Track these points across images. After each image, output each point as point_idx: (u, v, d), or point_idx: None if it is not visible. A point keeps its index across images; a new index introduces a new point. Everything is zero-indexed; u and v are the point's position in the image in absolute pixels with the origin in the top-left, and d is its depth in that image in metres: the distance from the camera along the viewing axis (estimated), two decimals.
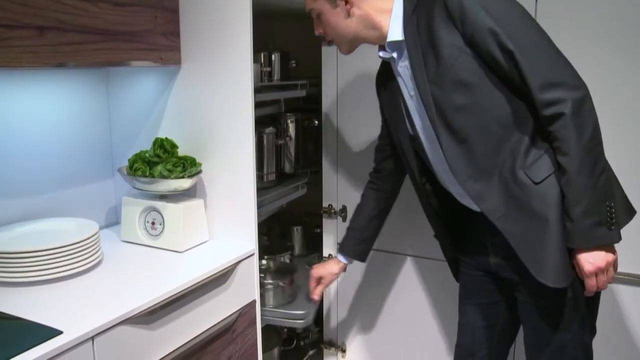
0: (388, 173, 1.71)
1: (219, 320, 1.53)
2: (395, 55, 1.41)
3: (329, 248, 2.26)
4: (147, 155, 1.64)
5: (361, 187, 2.14)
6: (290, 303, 1.98)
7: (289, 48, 2.18)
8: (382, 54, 1.44)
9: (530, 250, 1.29)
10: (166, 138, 1.66)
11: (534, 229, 1.28)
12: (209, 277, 1.46)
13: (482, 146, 1.31)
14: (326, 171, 2.22)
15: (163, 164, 1.61)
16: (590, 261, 1.24)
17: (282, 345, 2.25)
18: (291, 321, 1.93)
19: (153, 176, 1.60)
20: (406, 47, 1.36)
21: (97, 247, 1.47)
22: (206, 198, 1.71)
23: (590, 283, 1.27)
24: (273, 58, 2.08)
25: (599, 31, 1.66)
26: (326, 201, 2.24)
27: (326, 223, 2.26)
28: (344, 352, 2.32)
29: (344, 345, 2.32)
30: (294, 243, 2.49)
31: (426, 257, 2.06)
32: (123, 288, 1.34)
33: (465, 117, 1.31)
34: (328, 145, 2.19)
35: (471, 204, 1.42)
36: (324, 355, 2.38)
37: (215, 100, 1.63)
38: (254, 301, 1.67)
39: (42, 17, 1.23)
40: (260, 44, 1.73)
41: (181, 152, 1.68)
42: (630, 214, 1.35)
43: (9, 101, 1.52)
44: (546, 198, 1.27)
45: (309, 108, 2.34)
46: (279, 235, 2.52)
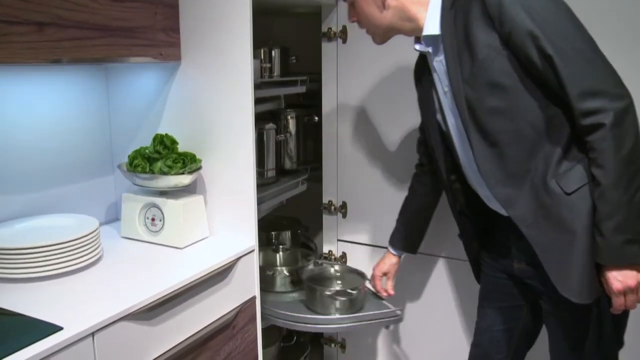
0: (430, 168, 1.68)
1: (219, 316, 1.53)
2: (430, 49, 1.37)
3: (329, 244, 2.27)
4: (147, 151, 1.64)
5: (361, 184, 2.15)
6: (362, 308, 1.88)
7: (289, 44, 2.18)
8: (418, 47, 1.40)
9: (555, 262, 1.26)
10: (166, 134, 1.66)
11: (561, 241, 1.24)
12: (209, 273, 1.46)
13: (514, 151, 1.28)
14: (326, 167, 2.22)
15: (163, 160, 1.60)
16: (619, 279, 1.20)
17: (282, 341, 2.25)
18: (391, 319, 1.87)
19: (153, 172, 1.60)
20: (442, 43, 1.32)
21: (97, 244, 1.47)
22: (206, 194, 1.70)
23: (618, 302, 1.22)
24: (273, 54, 2.07)
25: (599, 31, 1.65)
26: (326, 197, 2.24)
27: (326, 219, 2.26)
28: (344, 348, 2.32)
29: (344, 341, 2.32)
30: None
31: (425, 254, 2.06)
32: (123, 284, 1.34)
33: (498, 120, 1.27)
34: (328, 141, 2.19)
35: (499, 208, 1.39)
36: (324, 351, 2.39)
37: (215, 96, 1.63)
38: (254, 297, 1.67)
39: (42, 13, 1.23)
40: (260, 40, 1.72)
41: (181, 148, 1.68)
42: None
43: (9, 97, 1.52)
44: (576, 210, 1.22)
45: (309, 104, 2.34)
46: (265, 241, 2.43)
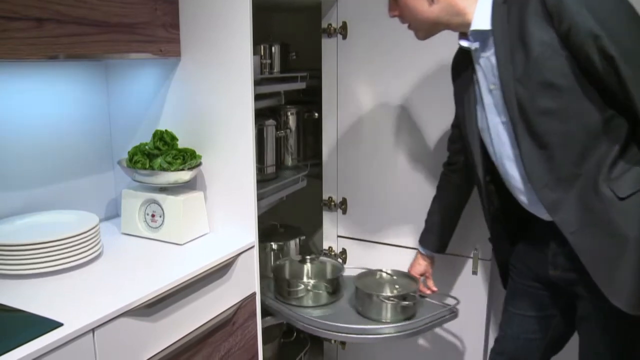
0: (461, 167, 1.64)
1: (219, 312, 1.53)
2: (477, 45, 1.31)
3: (329, 241, 2.27)
4: (147, 147, 1.64)
5: (361, 180, 2.15)
6: (416, 312, 1.78)
7: (289, 40, 2.18)
8: (463, 43, 1.34)
9: (604, 269, 1.20)
10: (166, 130, 1.66)
11: (611, 248, 1.19)
12: (209, 270, 1.46)
13: (565, 154, 1.22)
14: (326, 164, 2.22)
15: (163, 157, 1.60)
16: None
17: (282, 337, 2.25)
18: (449, 316, 1.79)
19: (153, 168, 1.60)
20: (493, 39, 1.26)
21: (97, 240, 1.47)
22: (206, 190, 1.70)
23: None
24: (273, 50, 2.07)
25: None
26: (326, 193, 2.24)
27: (326, 215, 2.26)
28: (344, 344, 2.32)
29: None
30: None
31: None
32: (123, 280, 1.34)
33: (549, 122, 1.21)
34: (328, 137, 2.19)
35: (541, 213, 1.33)
36: (324, 347, 2.39)
37: (215, 92, 1.63)
38: (254, 293, 1.67)
39: (41, 9, 1.23)
40: (260, 36, 1.72)
41: (181, 145, 1.68)
42: None
43: (8, 93, 1.52)
44: (630, 216, 1.17)
45: (309, 100, 2.34)
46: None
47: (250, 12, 1.52)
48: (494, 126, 1.34)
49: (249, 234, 1.65)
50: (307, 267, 2.04)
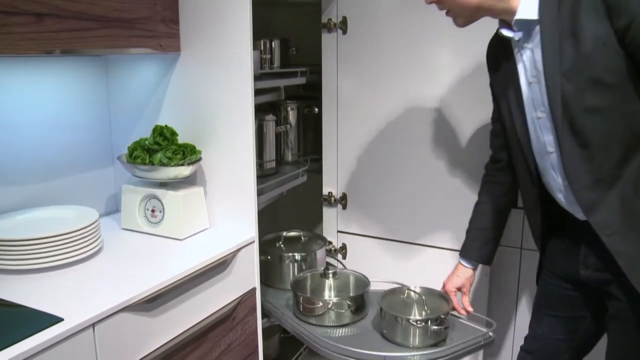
0: (507, 163, 1.52)
1: (219, 307, 1.53)
2: (521, 35, 1.24)
3: (329, 236, 2.27)
4: (147, 142, 1.64)
5: (361, 175, 2.15)
6: (447, 336, 1.62)
7: (289, 35, 2.17)
8: (506, 32, 1.26)
9: None
10: (166, 126, 1.66)
11: None
12: (209, 265, 1.47)
13: (607, 154, 1.18)
14: (326, 159, 2.22)
15: (163, 152, 1.60)
16: None
17: (282, 332, 2.26)
18: (484, 343, 1.61)
19: (153, 164, 1.60)
20: (539, 30, 1.19)
21: (97, 235, 1.47)
22: (206, 185, 1.70)
23: None
24: (273, 45, 2.07)
25: None
26: (326, 189, 2.24)
27: (326, 211, 2.26)
28: None
29: None
30: None
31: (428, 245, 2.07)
32: (123, 275, 1.34)
33: (594, 120, 1.16)
34: (328, 133, 2.19)
35: (576, 212, 1.30)
36: None
37: (214, 87, 1.62)
38: (254, 289, 1.67)
39: (41, 4, 1.22)
40: (260, 31, 1.72)
41: (181, 140, 1.68)
42: None
43: (8, 89, 1.51)
44: None
45: (309, 95, 2.33)
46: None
47: (250, 7, 1.52)
48: (531, 121, 1.30)
49: (249, 229, 1.65)
50: (330, 282, 1.88)
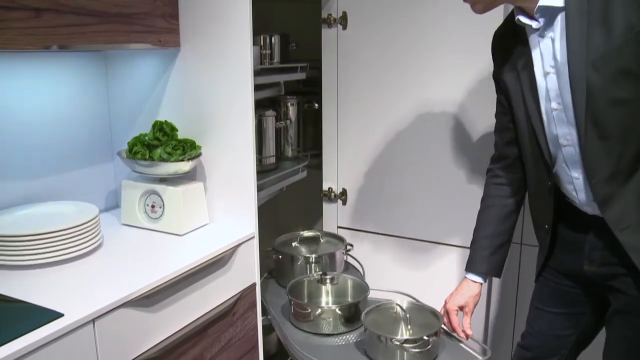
0: (516, 159, 1.43)
1: (219, 303, 1.54)
2: (542, 23, 1.17)
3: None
4: (147, 138, 1.63)
5: (361, 171, 2.15)
6: (437, 357, 1.50)
7: (289, 30, 2.17)
8: (524, 20, 1.19)
9: None
10: (166, 121, 1.65)
11: None
12: (209, 260, 1.47)
13: (628, 148, 1.15)
14: (326, 154, 2.22)
15: (163, 147, 1.60)
16: None
17: None
18: None
19: (153, 159, 1.60)
20: (565, 17, 1.12)
21: (97, 231, 1.47)
22: (206, 181, 1.70)
23: None
24: (273, 40, 2.06)
25: None
26: (326, 184, 2.24)
27: (326, 206, 2.26)
28: None
29: None
30: None
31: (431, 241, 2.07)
32: (123, 271, 1.34)
33: (619, 112, 1.12)
34: (328, 128, 2.18)
35: (586, 205, 1.27)
36: None
37: (214, 82, 1.62)
38: (254, 284, 1.68)
39: None
40: (260, 26, 1.71)
41: (181, 135, 1.67)
42: None
43: (7, 84, 1.51)
44: None
45: (309, 91, 2.33)
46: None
47: (249, 2, 1.52)
48: (545, 112, 1.25)
49: (249, 225, 1.65)
50: (327, 288, 1.79)
